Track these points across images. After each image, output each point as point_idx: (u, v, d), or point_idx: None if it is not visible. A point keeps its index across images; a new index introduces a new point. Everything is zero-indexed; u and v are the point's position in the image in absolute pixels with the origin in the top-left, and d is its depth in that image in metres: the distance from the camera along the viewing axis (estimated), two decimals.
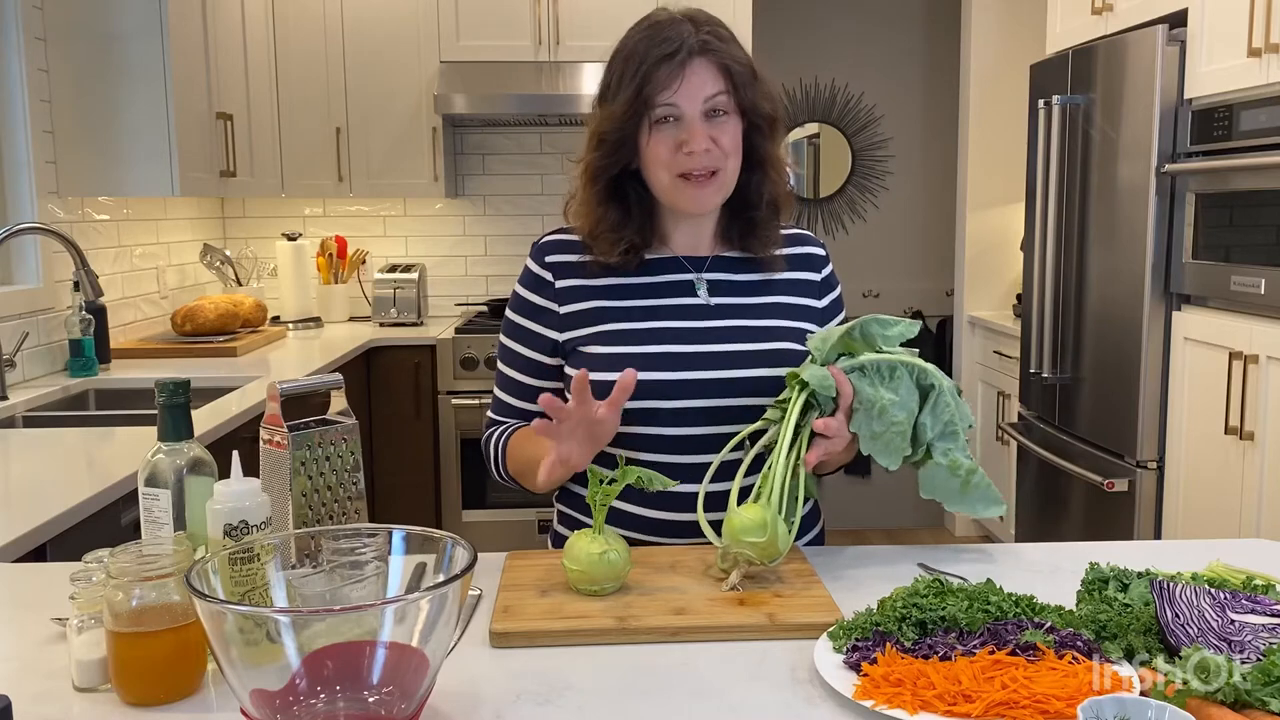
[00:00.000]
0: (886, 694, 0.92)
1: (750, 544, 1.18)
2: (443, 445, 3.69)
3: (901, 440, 1.29)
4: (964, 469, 1.32)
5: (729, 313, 1.43)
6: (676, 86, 1.35)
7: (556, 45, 3.81)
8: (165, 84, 2.92)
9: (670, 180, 1.38)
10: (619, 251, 1.42)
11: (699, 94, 1.36)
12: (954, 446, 1.32)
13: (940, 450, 1.32)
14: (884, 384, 1.29)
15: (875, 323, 1.34)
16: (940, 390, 1.32)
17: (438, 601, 0.84)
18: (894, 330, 1.33)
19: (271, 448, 1.20)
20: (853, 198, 4.90)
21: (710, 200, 1.41)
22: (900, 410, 1.28)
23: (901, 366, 1.31)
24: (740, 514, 1.20)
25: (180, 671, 0.97)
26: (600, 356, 1.40)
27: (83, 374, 2.84)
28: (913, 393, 1.31)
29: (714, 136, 1.36)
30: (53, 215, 2.90)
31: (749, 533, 1.18)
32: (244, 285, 3.95)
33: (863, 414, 1.28)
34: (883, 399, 1.28)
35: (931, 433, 1.31)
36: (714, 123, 1.37)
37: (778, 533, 1.19)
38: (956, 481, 1.32)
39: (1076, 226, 3.28)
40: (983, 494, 1.33)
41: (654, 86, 1.35)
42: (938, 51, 4.78)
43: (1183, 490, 2.83)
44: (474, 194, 4.30)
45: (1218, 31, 2.66)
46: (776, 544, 1.19)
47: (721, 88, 1.37)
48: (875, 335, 1.33)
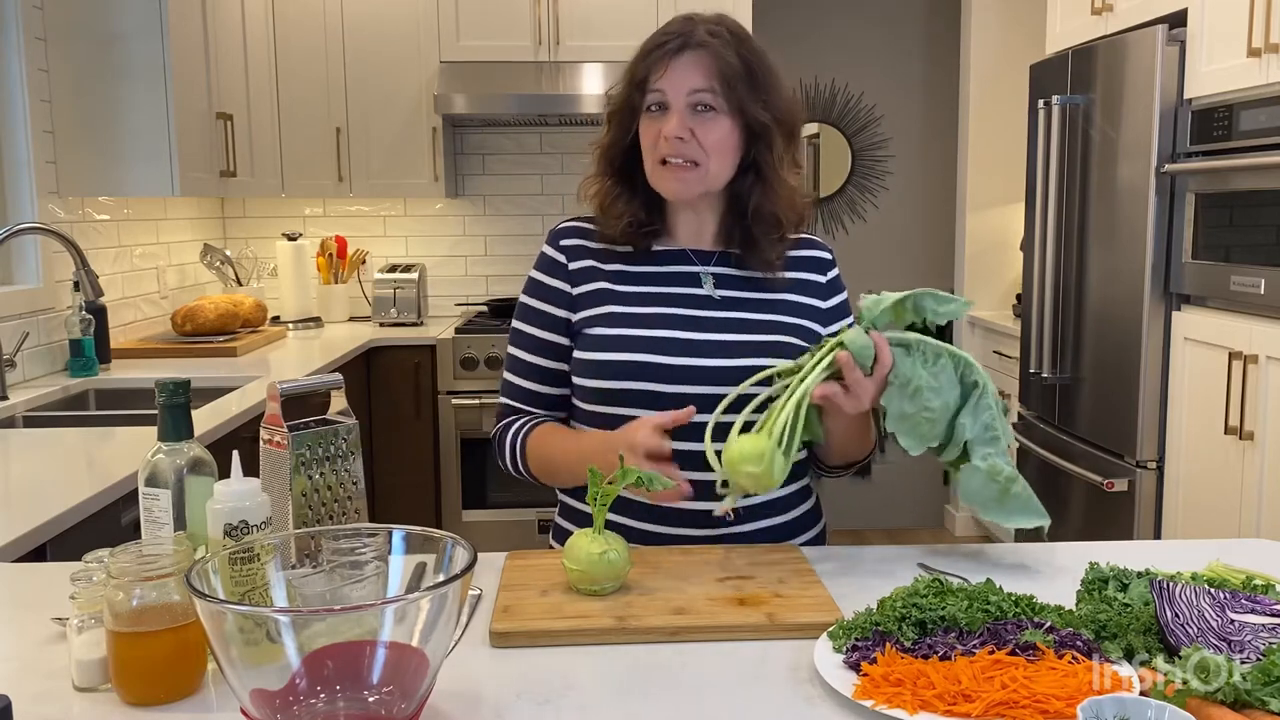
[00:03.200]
0: (886, 694, 0.92)
1: (746, 473, 1.19)
2: (443, 445, 3.69)
3: (929, 427, 1.28)
4: (1004, 475, 1.28)
5: (733, 305, 1.45)
6: (663, 73, 1.39)
7: (556, 45, 3.81)
8: (165, 84, 2.92)
9: (653, 165, 1.42)
10: (624, 225, 1.45)
11: (684, 85, 1.39)
12: (994, 451, 1.29)
13: (980, 454, 1.29)
14: (925, 366, 1.28)
15: (930, 296, 1.32)
16: (984, 391, 1.30)
17: (438, 601, 0.84)
18: (947, 307, 1.31)
19: (271, 448, 1.20)
20: (853, 198, 4.90)
21: (688, 190, 1.42)
22: (935, 397, 1.27)
23: (947, 356, 1.29)
24: (740, 442, 1.21)
25: (180, 671, 0.97)
26: (603, 338, 1.42)
27: (83, 374, 2.84)
28: (954, 385, 1.29)
29: (695, 130, 1.38)
30: (53, 215, 2.90)
31: (746, 461, 1.19)
32: (244, 285, 3.95)
33: (896, 390, 1.27)
34: (920, 379, 1.26)
35: (970, 433, 1.29)
36: (699, 117, 1.39)
37: (774, 464, 1.19)
38: (995, 488, 1.29)
39: (1076, 226, 3.28)
40: (1023, 504, 1.29)
41: (646, 69, 1.40)
42: (938, 51, 4.77)
43: (1183, 490, 2.83)
44: (474, 194, 4.30)
45: (1218, 31, 2.66)
46: (772, 474, 1.20)
47: (707, 85, 1.39)
48: (927, 308, 1.31)
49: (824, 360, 1.26)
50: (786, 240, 1.49)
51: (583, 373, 1.44)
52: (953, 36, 4.60)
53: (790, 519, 1.47)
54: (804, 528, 1.50)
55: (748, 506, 1.42)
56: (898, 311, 1.31)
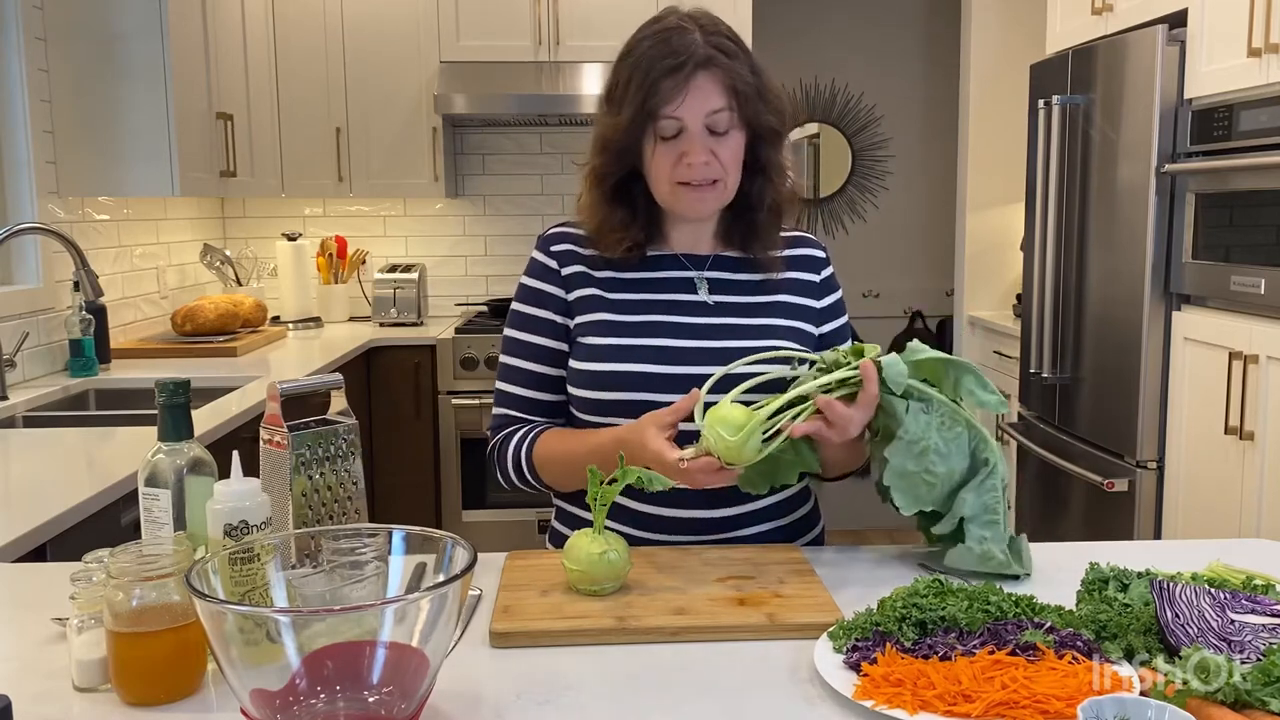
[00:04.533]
0: (886, 694, 0.92)
1: (719, 436, 1.18)
2: (443, 445, 3.69)
3: (927, 491, 1.25)
4: (995, 562, 1.24)
5: (728, 311, 1.44)
6: (680, 100, 1.35)
7: (556, 45, 3.81)
8: (165, 84, 2.92)
9: (670, 188, 1.40)
10: (622, 249, 1.44)
11: (702, 108, 1.36)
12: (990, 536, 1.25)
13: (975, 536, 1.25)
14: (939, 430, 1.24)
15: (974, 377, 1.27)
16: (993, 470, 1.26)
17: (438, 601, 0.84)
18: (987, 396, 1.27)
19: (271, 448, 1.20)
20: (853, 198, 4.90)
21: (709, 207, 1.42)
22: (941, 463, 1.24)
23: (965, 427, 1.26)
24: (727, 408, 1.20)
25: (180, 671, 0.97)
26: (596, 347, 1.41)
27: (83, 374, 2.84)
28: (963, 456, 1.26)
29: (714, 150, 1.37)
30: (53, 215, 2.90)
31: (724, 425, 1.18)
32: (244, 285, 3.95)
33: (903, 446, 1.24)
34: (930, 440, 1.23)
35: (969, 510, 1.26)
36: (715, 137, 1.37)
37: (747, 442, 1.18)
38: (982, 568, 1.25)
39: (1076, 226, 3.28)
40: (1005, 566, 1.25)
41: (659, 100, 1.35)
42: (938, 51, 4.77)
43: (1183, 490, 2.83)
44: (474, 194, 4.30)
45: (1218, 31, 2.66)
46: (742, 451, 1.18)
47: (724, 104, 1.36)
48: (965, 387, 1.27)
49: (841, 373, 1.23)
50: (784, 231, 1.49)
51: (577, 383, 1.42)
52: (953, 36, 4.60)
53: (789, 522, 1.47)
54: (803, 528, 1.50)
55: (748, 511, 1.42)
56: (936, 371, 1.27)
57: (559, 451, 1.42)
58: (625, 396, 1.38)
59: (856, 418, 1.23)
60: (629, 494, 1.40)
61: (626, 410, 1.37)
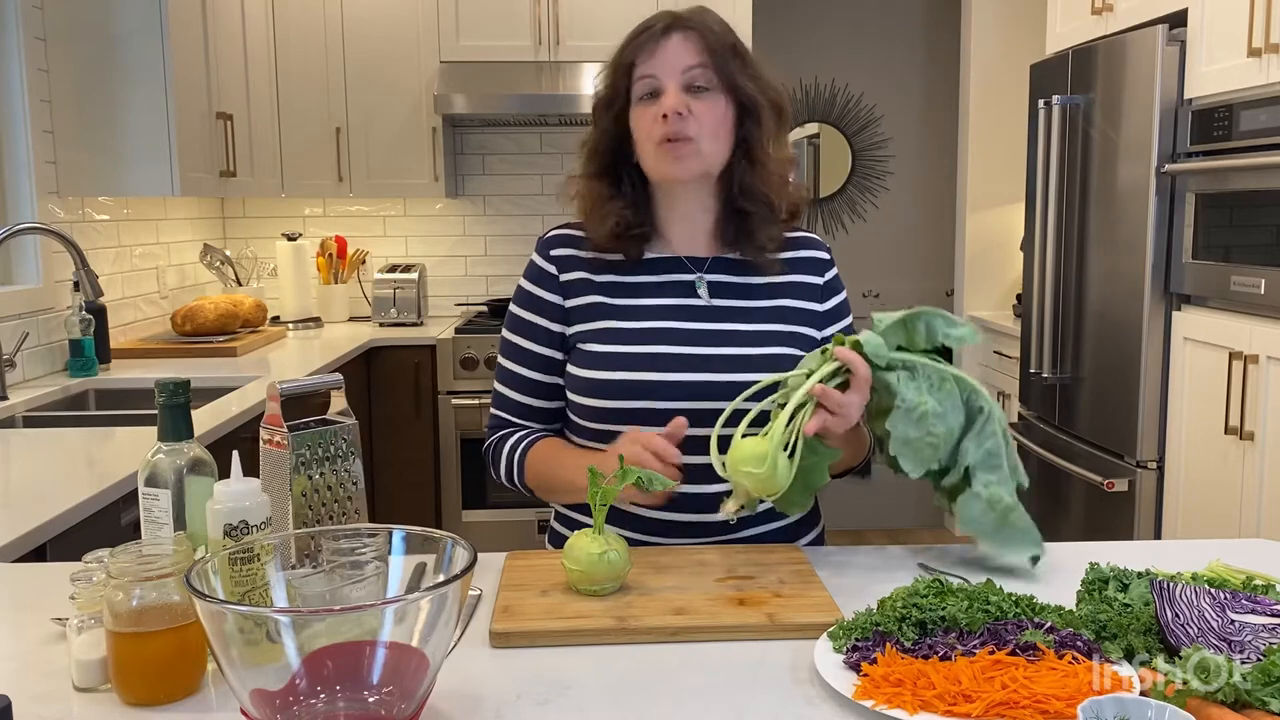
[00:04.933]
0: (886, 694, 0.92)
1: (748, 474, 1.17)
2: (443, 445, 3.69)
3: (932, 452, 1.26)
4: (1003, 505, 1.26)
5: (729, 315, 1.42)
6: (652, 56, 1.38)
7: (556, 45, 3.81)
8: (165, 84, 2.92)
9: (653, 149, 1.39)
10: (610, 227, 1.42)
11: (677, 64, 1.38)
12: (995, 479, 1.26)
13: (981, 481, 1.26)
14: (931, 391, 1.25)
15: (941, 318, 1.30)
16: (989, 417, 1.27)
17: (438, 601, 0.84)
18: (957, 330, 1.29)
19: (271, 448, 1.20)
20: (853, 198, 4.90)
21: (688, 169, 1.39)
22: (940, 423, 1.25)
23: (953, 380, 1.27)
24: (742, 445, 1.19)
25: (180, 671, 0.97)
26: (599, 355, 1.40)
27: (83, 374, 2.84)
28: (958, 410, 1.27)
29: (693, 108, 1.37)
30: (53, 215, 2.90)
31: (748, 463, 1.17)
32: (244, 285, 3.95)
33: (901, 415, 1.25)
34: (926, 404, 1.24)
35: (973, 458, 1.27)
36: (695, 96, 1.38)
37: (777, 466, 1.18)
38: (993, 517, 1.26)
39: (1076, 226, 3.28)
40: (1020, 534, 1.27)
41: (633, 56, 1.39)
42: (938, 51, 4.78)
43: (1183, 490, 2.83)
44: (474, 194, 4.30)
45: (1218, 31, 2.66)
46: (775, 478, 1.18)
47: (700, 60, 1.38)
48: (938, 330, 1.29)
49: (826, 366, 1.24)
50: (780, 228, 1.46)
51: (579, 390, 1.42)
52: (953, 36, 4.60)
53: (789, 524, 1.46)
54: (803, 529, 1.49)
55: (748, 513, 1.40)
56: (909, 330, 1.29)
57: (545, 469, 1.43)
58: (624, 404, 1.37)
59: (854, 401, 1.23)
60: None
61: (625, 417, 1.37)
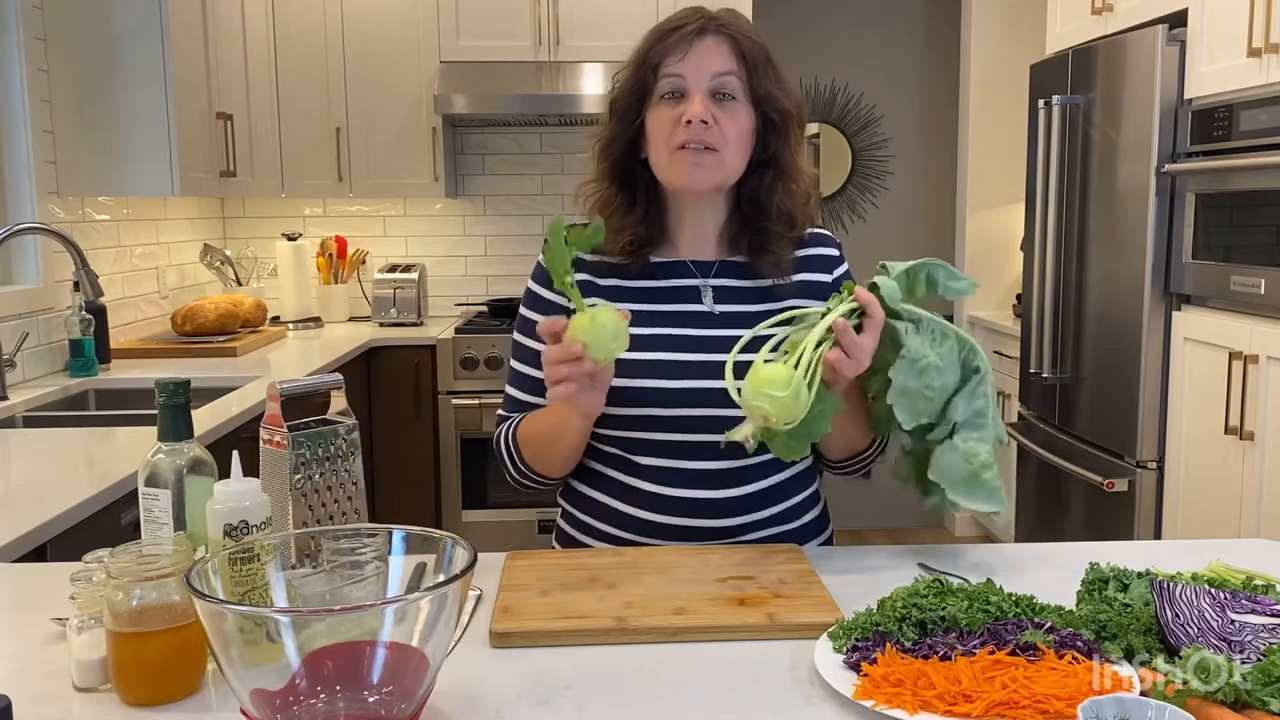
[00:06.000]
0: (886, 694, 0.92)
1: (769, 397, 1.15)
2: (443, 445, 3.69)
3: (926, 404, 1.27)
4: (978, 460, 1.28)
5: (734, 321, 1.40)
6: (683, 56, 1.33)
7: (556, 45, 3.81)
8: (165, 84, 2.92)
9: (669, 154, 1.35)
10: (623, 244, 1.40)
11: (706, 68, 1.33)
12: (977, 437, 1.29)
13: (961, 436, 1.29)
14: (933, 345, 1.27)
15: (942, 269, 1.30)
16: (983, 378, 1.29)
17: (438, 601, 0.84)
18: (958, 283, 1.31)
19: (271, 448, 1.20)
20: (853, 198, 4.90)
21: (707, 179, 1.36)
22: (938, 377, 1.26)
23: (954, 338, 1.29)
24: (765, 368, 1.17)
25: (180, 671, 0.97)
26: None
27: (83, 374, 2.84)
28: (955, 367, 1.28)
29: (718, 117, 1.33)
30: (53, 215, 2.90)
31: (771, 385, 1.15)
32: (244, 285, 3.95)
33: (905, 364, 1.25)
34: (929, 357, 1.25)
35: (961, 416, 1.29)
36: (720, 104, 1.34)
37: (799, 394, 1.16)
38: (964, 470, 1.28)
39: (1076, 226, 3.28)
40: (986, 491, 1.29)
41: (660, 53, 1.34)
42: (938, 51, 4.78)
43: (1183, 490, 2.83)
44: (474, 194, 4.30)
45: (1218, 31, 2.66)
46: (796, 404, 1.16)
47: (732, 68, 1.34)
48: (940, 282, 1.30)
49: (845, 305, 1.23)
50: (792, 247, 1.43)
51: None
52: (953, 36, 4.60)
53: (799, 525, 1.45)
54: (813, 532, 1.48)
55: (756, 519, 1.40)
56: (910, 280, 1.29)
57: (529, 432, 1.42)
58: (626, 411, 1.36)
59: (867, 345, 1.22)
60: (638, 503, 1.40)
61: (629, 423, 1.36)
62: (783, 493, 1.43)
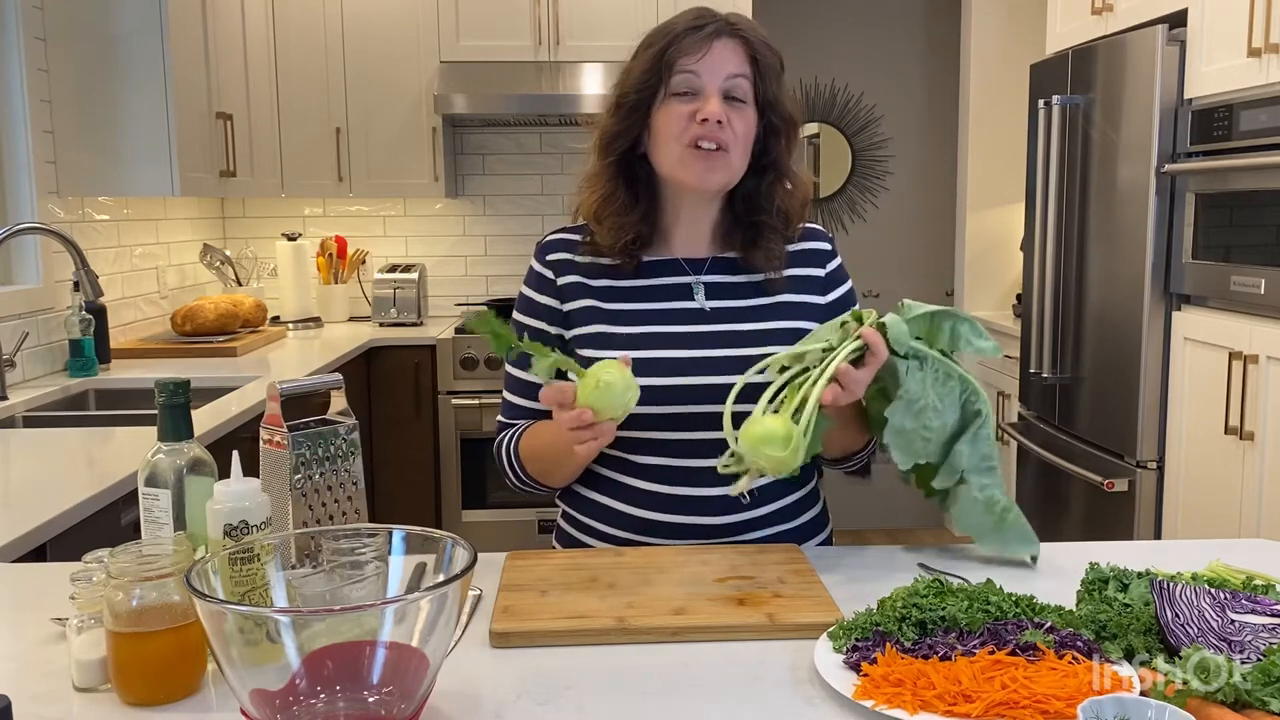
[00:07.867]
0: (886, 694, 0.92)
1: (768, 455, 1.15)
2: (443, 445, 3.69)
3: (923, 446, 1.27)
4: (1000, 507, 1.29)
5: (726, 317, 1.41)
6: (700, 56, 1.34)
7: (556, 45, 3.81)
8: (165, 84, 2.92)
9: (680, 151, 1.35)
10: (622, 241, 1.40)
11: (721, 69, 1.35)
12: (991, 483, 1.29)
13: (977, 485, 1.29)
14: (934, 386, 1.26)
15: (969, 324, 1.30)
16: (985, 421, 1.29)
17: (438, 601, 0.84)
18: (982, 343, 1.29)
19: (271, 448, 1.20)
20: (853, 198, 4.90)
21: (716, 178, 1.37)
22: (936, 418, 1.26)
23: (957, 380, 1.28)
24: (764, 423, 1.16)
25: (180, 671, 0.97)
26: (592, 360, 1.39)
27: (83, 374, 2.84)
28: (955, 409, 1.28)
29: (730, 118, 1.35)
30: (53, 215, 2.90)
31: (772, 444, 1.15)
32: (244, 285, 3.95)
33: (903, 405, 1.25)
34: (928, 399, 1.25)
35: (967, 462, 1.29)
36: (731, 106, 1.35)
37: (799, 451, 1.16)
38: (991, 519, 1.30)
39: (1076, 227, 3.28)
40: (1017, 533, 1.30)
41: (677, 51, 1.35)
42: (938, 51, 4.78)
43: (1183, 490, 2.83)
44: (474, 194, 4.30)
45: (1218, 31, 2.66)
46: (795, 460, 1.16)
47: (745, 71, 1.36)
48: (962, 336, 1.29)
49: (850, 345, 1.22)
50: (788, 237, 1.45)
51: None
52: (953, 36, 4.60)
53: (798, 525, 1.45)
54: (812, 532, 1.48)
55: (755, 516, 1.41)
56: (932, 327, 1.29)
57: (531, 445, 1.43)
58: None
59: (864, 379, 1.22)
60: (637, 502, 1.40)
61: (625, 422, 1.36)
62: (781, 490, 1.43)
